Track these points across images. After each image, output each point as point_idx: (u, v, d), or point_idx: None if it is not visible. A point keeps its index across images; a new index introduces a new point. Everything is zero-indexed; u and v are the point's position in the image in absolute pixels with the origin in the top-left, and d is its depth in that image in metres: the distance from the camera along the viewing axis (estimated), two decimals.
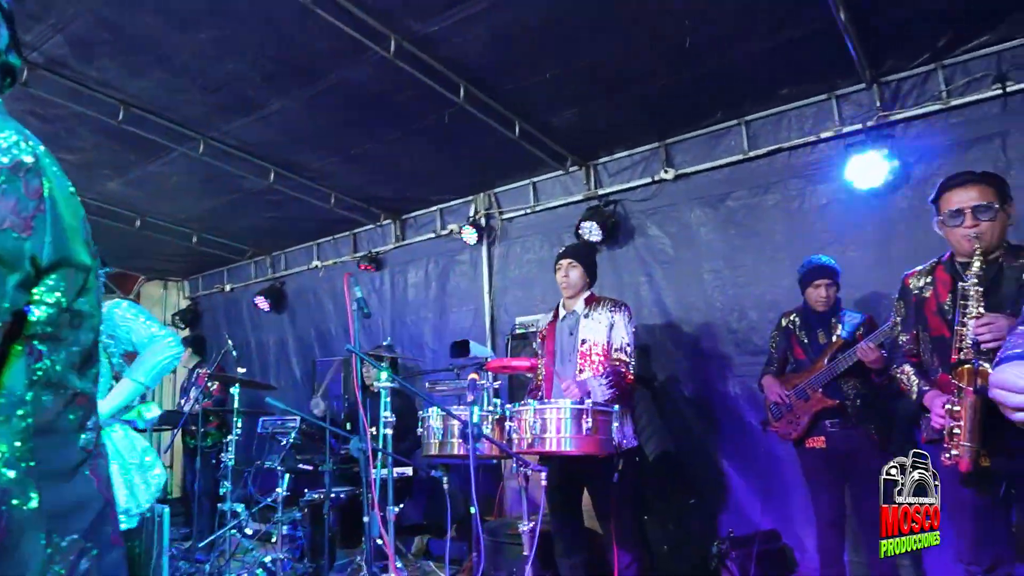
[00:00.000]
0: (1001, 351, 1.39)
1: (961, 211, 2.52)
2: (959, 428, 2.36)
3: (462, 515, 5.00)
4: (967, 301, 2.43)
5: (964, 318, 2.43)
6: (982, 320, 2.37)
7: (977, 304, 2.41)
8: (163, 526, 4.29)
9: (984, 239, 2.48)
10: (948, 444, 2.41)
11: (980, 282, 2.43)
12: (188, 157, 5.06)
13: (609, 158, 5.44)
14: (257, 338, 8.16)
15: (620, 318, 3.58)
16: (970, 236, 2.48)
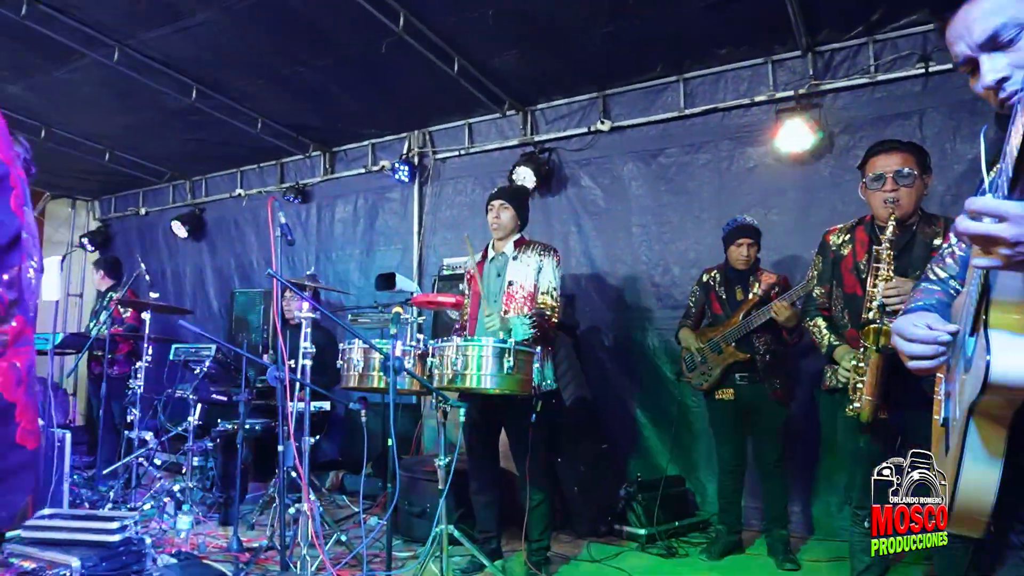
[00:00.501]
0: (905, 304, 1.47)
1: (883, 176, 2.66)
2: (863, 383, 2.52)
3: (379, 452, 5.03)
4: (879, 263, 2.57)
5: (875, 280, 2.57)
6: (891, 284, 2.51)
7: (888, 267, 2.55)
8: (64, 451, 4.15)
9: (901, 205, 2.62)
10: (852, 396, 2.58)
11: (892, 247, 2.57)
12: (102, 66, 4.70)
13: (547, 105, 5.40)
14: (173, 266, 7.83)
15: (548, 262, 3.61)
16: (888, 200, 2.62)
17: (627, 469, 4.90)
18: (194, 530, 4.25)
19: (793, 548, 3.91)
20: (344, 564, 3.62)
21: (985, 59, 1.15)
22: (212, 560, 3.70)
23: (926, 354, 1.18)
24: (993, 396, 0.99)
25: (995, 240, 0.93)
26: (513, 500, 4.04)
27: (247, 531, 4.33)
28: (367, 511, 4.73)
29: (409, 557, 3.87)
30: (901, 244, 2.63)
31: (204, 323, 7.14)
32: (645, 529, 4.14)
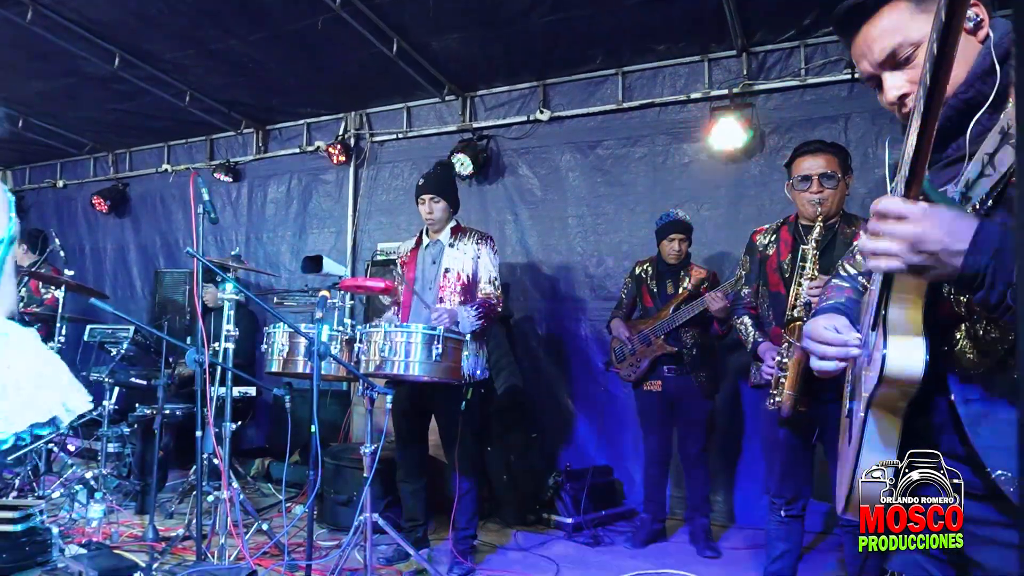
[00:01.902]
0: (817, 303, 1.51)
1: (809, 177, 2.75)
2: (785, 379, 2.60)
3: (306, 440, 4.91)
4: (804, 262, 2.66)
5: (800, 278, 2.65)
6: (815, 283, 2.59)
7: (813, 266, 2.64)
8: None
9: (825, 205, 2.72)
10: (773, 392, 2.67)
11: (817, 246, 2.66)
12: (12, 24, 4.41)
13: (487, 91, 5.36)
14: (92, 242, 7.45)
15: (486, 251, 3.58)
16: (814, 201, 2.70)
17: (557, 458, 4.94)
18: (107, 519, 4.06)
19: (714, 536, 4.03)
20: (264, 553, 3.54)
21: (887, 76, 1.19)
22: (125, 550, 3.55)
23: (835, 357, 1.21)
24: (889, 388, 1.02)
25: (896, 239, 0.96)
26: (441, 488, 4.02)
27: (165, 520, 4.18)
28: (291, 500, 4.63)
29: (333, 546, 3.80)
30: (823, 243, 2.72)
31: (126, 303, 6.83)
32: (572, 518, 4.19)
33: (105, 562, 3.05)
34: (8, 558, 3.13)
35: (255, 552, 3.42)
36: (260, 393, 4.86)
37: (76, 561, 3.06)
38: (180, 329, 6.03)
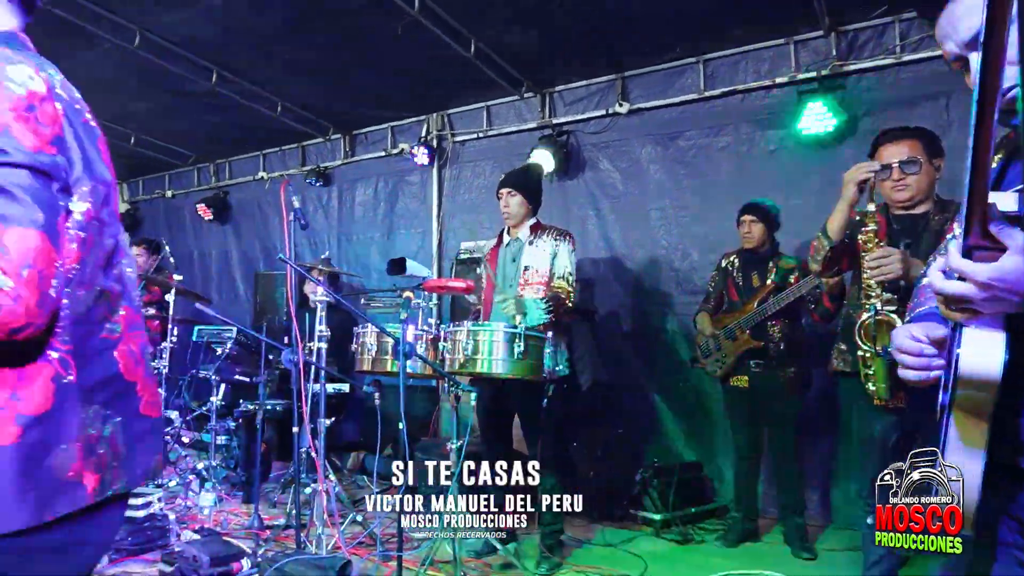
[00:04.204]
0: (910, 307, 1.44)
1: (889, 166, 2.61)
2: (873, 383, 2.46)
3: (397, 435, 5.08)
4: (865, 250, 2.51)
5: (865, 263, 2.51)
6: (875, 254, 2.43)
7: None
8: None
9: (908, 193, 2.58)
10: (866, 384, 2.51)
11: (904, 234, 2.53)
12: (123, 50, 4.76)
13: (565, 87, 5.35)
14: (199, 248, 7.95)
15: (564, 247, 3.59)
16: (897, 188, 2.58)
17: (643, 454, 4.89)
18: (217, 507, 4.36)
19: (810, 537, 3.88)
20: (359, 543, 3.69)
21: (973, 57, 1.12)
22: (233, 537, 3.79)
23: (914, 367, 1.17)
24: (966, 390, 0.97)
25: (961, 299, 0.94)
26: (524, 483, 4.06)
27: (269, 509, 4.42)
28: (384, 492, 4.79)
29: (423, 538, 3.92)
30: (912, 232, 2.58)
31: (230, 305, 7.25)
32: (660, 514, 4.14)
33: (216, 548, 3.27)
34: (132, 541, 3.42)
35: (350, 542, 3.58)
36: (353, 390, 5.06)
37: (190, 546, 3.29)
38: (279, 329, 6.35)
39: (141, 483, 1.21)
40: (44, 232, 0.99)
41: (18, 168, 0.98)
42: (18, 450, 1.01)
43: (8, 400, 1.01)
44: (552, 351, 3.41)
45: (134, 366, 1.20)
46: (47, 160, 1.02)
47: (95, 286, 1.14)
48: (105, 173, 1.18)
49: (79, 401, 1.08)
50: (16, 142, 0.98)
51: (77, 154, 1.09)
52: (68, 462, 1.06)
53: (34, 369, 1.04)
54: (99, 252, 1.14)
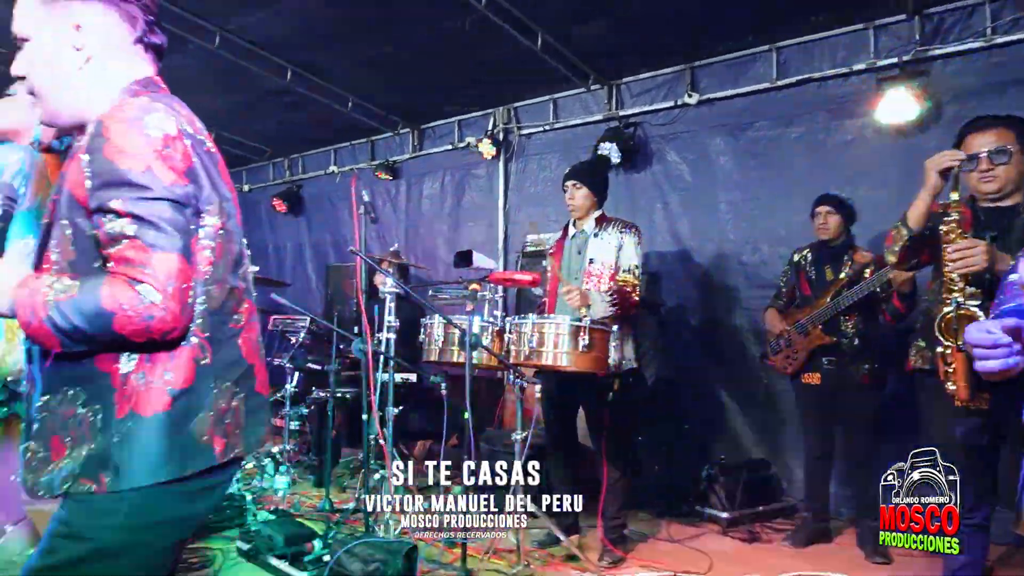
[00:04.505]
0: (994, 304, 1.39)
1: (977, 156, 2.48)
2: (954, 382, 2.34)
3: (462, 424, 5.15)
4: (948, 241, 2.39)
5: None
6: (959, 244, 2.31)
7: None
8: None
9: (996, 183, 2.45)
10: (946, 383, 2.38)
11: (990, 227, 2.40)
12: (203, 50, 4.97)
13: (633, 78, 5.29)
14: (274, 240, 8.23)
15: (629, 239, 3.57)
16: (985, 179, 2.45)
17: (709, 450, 4.82)
18: (290, 490, 4.53)
19: None
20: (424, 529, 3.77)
21: None
22: (305, 518, 3.93)
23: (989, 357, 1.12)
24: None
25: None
26: (591, 476, 4.07)
27: (339, 493, 4.56)
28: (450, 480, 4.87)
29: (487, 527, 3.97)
30: (1000, 225, 2.45)
31: (303, 295, 7.48)
32: (727, 512, 4.08)
33: (289, 528, 3.41)
34: (214, 518, 3.60)
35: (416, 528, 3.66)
36: (420, 380, 5.16)
37: (266, 525, 3.44)
38: (350, 319, 6.53)
39: (253, 450, 1.44)
40: (182, 255, 1.20)
41: (160, 201, 1.19)
42: (168, 417, 1.24)
43: (161, 376, 1.25)
44: (617, 345, 3.39)
45: (253, 351, 1.42)
46: (181, 192, 1.23)
47: (226, 285, 1.35)
48: (226, 191, 1.40)
49: (213, 379, 1.31)
50: (157, 179, 1.20)
51: (205, 179, 1.31)
52: (204, 428, 1.29)
53: (180, 352, 1.26)
54: (228, 257, 1.36)
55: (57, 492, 1.23)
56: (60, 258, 1.27)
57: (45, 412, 1.27)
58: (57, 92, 1.33)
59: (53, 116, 1.37)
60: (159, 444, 1.24)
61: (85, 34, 1.31)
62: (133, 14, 1.36)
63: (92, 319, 1.16)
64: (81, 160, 1.22)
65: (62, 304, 1.16)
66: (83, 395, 1.24)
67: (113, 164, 1.18)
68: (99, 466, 1.22)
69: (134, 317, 1.15)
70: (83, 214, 1.24)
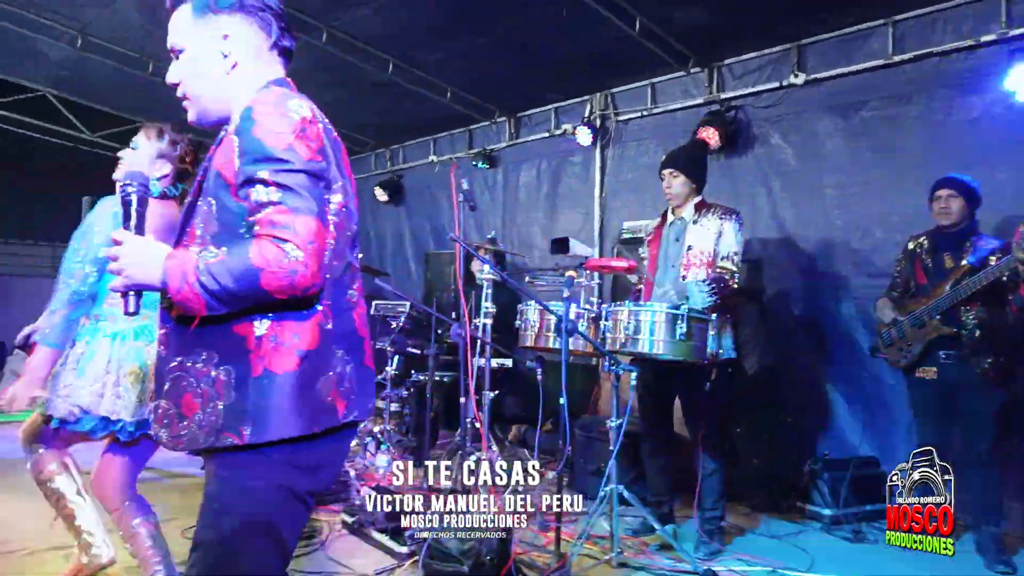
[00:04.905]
0: None
1: None
2: None
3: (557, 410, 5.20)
4: None
5: None
6: None
7: None
8: None
9: None
10: None
11: None
12: (311, 47, 5.20)
13: (735, 60, 5.12)
14: (376, 228, 8.52)
15: (729, 226, 3.48)
16: None
17: (812, 445, 4.64)
18: (391, 468, 4.71)
19: (1009, 549, 3.49)
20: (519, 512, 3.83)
21: None
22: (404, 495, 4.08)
23: None
24: None
25: None
26: (687, 466, 4.01)
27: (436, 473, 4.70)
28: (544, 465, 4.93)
29: (581, 513, 3.99)
30: None
31: (402, 282, 7.72)
32: (830, 509, 3.93)
33: None
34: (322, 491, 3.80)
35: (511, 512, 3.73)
36: (516, 365, 5.24)
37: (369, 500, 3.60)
38: (447, 305, 6.70)
39: (365, 418, 1.53)
40: (318, 218, 1.32)
41: (299, 173, 1.33)
42: (297, 376, 1.36)
43: (292, 339, 1.37)
44: (716, 333, 3.33)
45: (363, 326, 1.55)
46: (316, 167, 1.36)
47: (345, 259, 1.49)
48: (347, 175, 1.54)
49: (334, 344, 1.43)
50: (297, 155, 1.34)
51: (332, 160, 1.45)
52: (328, 389, 1.41)
53: (307, 316, 1.39)
54: (347, 234, 1.49)
55: (202, 445, 1.36)
56: (203, 232, 1.41)
57: (179, 372, 1.39)
58: (208, 93, 1.50)
59: (203, 115, 1.53)
60: (291, 400, 1.35)
61: (232, 42, 1.49)
62: (268, 22, 1.53)
63: (240, 278, 1.27)
64: (232, 141, 1.37)
65: (212, 267, 1.28)
66: (218, 356, 1.37)
67: (261, 142, 1.33)
68: (238, 420, 1.33)
69: (279, 272, 1.26)
70: (228, 191, 1.38)
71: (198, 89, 1.51)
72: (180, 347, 1.41)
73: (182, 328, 1.40)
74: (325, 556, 3.27)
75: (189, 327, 1.38)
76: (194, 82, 1.51)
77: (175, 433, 1.39)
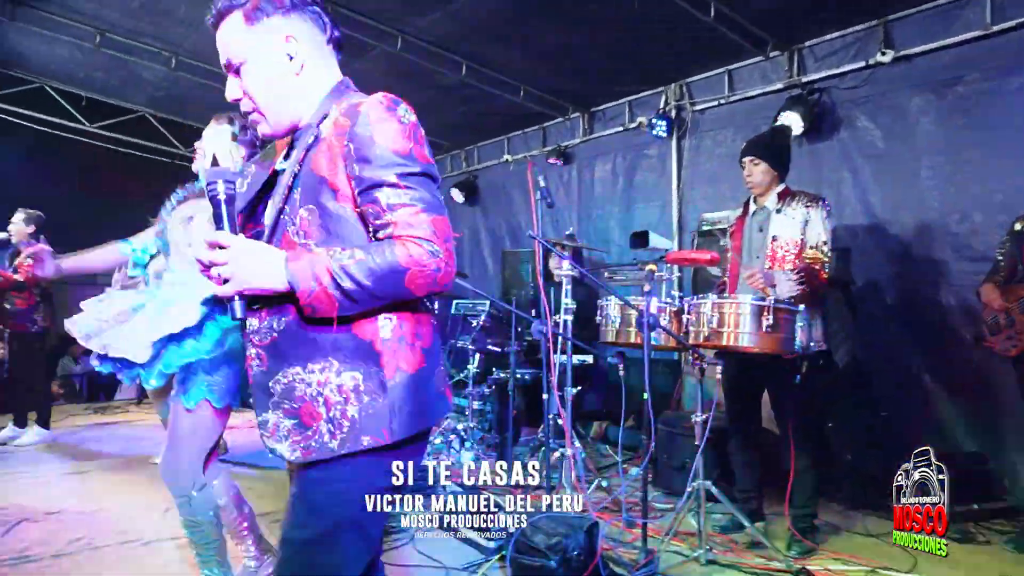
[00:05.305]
0: None
1: None
2: None
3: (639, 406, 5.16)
4: None
5: None
6: None
7: None
8: None
9: None
10: None
11: None
12: (387, 54, 5.33)
13: (816, 40, 4.92)
14: (453, 229, 8.62)
15: (816, 213, 3.35)
16: None
17: (910, 440, 4.40)
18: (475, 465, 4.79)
19: None
20: (603, 508, 3.83)
21: None
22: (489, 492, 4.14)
23: None
24: None
25: None
26: (777, 462, 3.90)
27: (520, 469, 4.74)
28: (627, 461, 4.90)
29: (667, 509, 3.95)
30: None
31: (480, 281, 7.81)
32: None
33: None
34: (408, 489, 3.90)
35: (595, 506, 3.73)
36: (597, 361, 5.22)
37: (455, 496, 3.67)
38: (526, 302, 6.74)
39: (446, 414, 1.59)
40: (446, 217, 1.38)
41: (422, 175, 1.37)
42: (423, 373, 1.42)
43: (416, 338, 1.42)
44: (805, 325, 3.22)
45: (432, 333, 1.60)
46: (432, 168, 1.42)
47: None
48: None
49: (439, 337, 1.51)
50: (417, 158, 1.38)
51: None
52: (440, 381, 1.49)
53: (425, 315, 1.47)
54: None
55: (337, 452, 1.35)
56: (304, 239, 1.38)
57: (291, 383, 1.37)
58: (281, 100, 1.46)
59: (277, 126, 1.49)
60: (422, 396, 1.41)
61: (295, 43, 1.45)
62: (319, 16, 1.50)
63: (383, 278, 1.29)
64: (335, 146, 1.37)
65: (349, 268, 1.28)
66: (338, 362, 1.36)
67: (385, 147, 1.35)
68: (378, 422, 1.36)
69: (425, 270, 1.31)
70: (332, 196, 1.37)
71: (270, 98, 1.46)
72: (288, 358, 1.38)
73: (290, 339, 1.38)
74: (414, 550, 3.34)
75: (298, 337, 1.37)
76: (264, 92, 1.45)
77: (300, 444, 1.37)
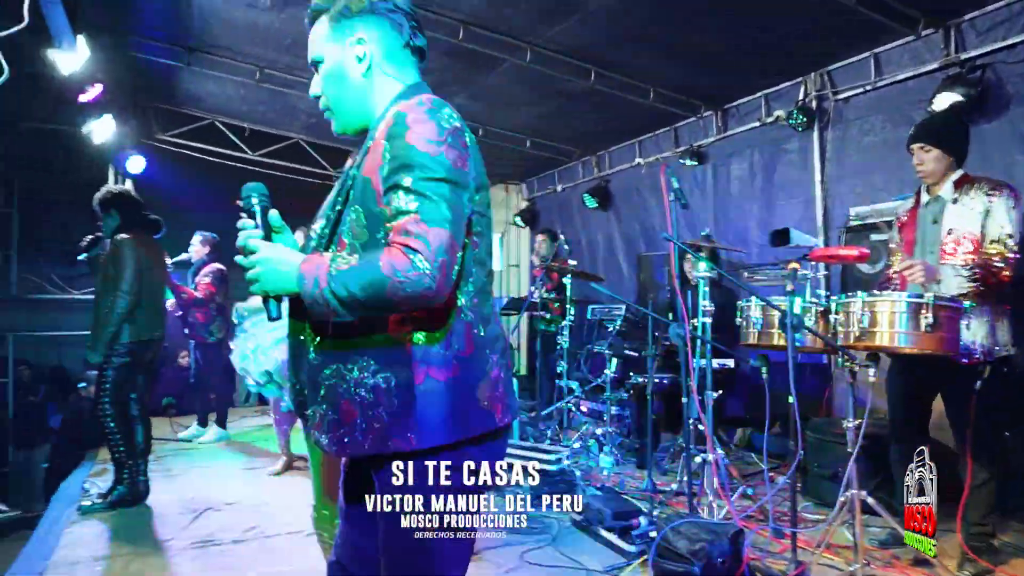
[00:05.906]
0: None
1: None
2: None
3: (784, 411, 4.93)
4: None
5: None
6: None
7: None
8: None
9: None
10: None
11: None
12: (518, 67, 5.46)
13: (977, 12, 4.49)
14: (587, 235, 8.68)
15: (1000, 202, 3.03)
16: None
17: None
18: (614, 469, 4.80)
19: None
20: (748, 516, 3.71)
21: None
22: (630, 496, 4.14)
23: None
24: None
25: None
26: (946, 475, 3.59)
27: (660, 476, 4.69)
28: (774, 469, 4.71)
29: (818, 519, 3.76)
30: None
31: (616, 286, 7.76)
32: None
33: (617, 504, 3.63)
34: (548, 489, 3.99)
35: (740, 513, 3.62)
36: (739, 365, 5.06)
37: (595, 499, 3.71)
38: (662, 306, 6.64)
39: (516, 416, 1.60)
40: (451, 232, 1.31)
41: (443, 182, 1.33)
42: (455, 383, 1.39)
43: (450, 346, 1.40)
44: (988, 326, 2.95)
45: (504, 329, 1.57)
46: (461, 176, 1.37)
47: (486, 266, 1.50)
48: (487, 181, 1.53)
49: (486, 349, 1.46)
50: (444, 163, 1.34)
51: (478, 168, 1.46)
52: (484, 394, 1.43)
53: (460, 325, 1.42)
54: (487, 241, 1.51)
55: (367, 452, 1.39)
56: (352, 240, 1.42)
57: (335, 379, 1.41)
58: (349, 99, 1.53)
59: (346, 123, 1.56)
60: (453, 405, 1.38)
61: (366, 45, 1.50)
62: (400, 22, 1.53)
63: (366, 286, 1.27)
64: (381, 147, 1.38)
65: (342, 274, 1.28)
66: (375, 364, 1.38)
67: (411, 148, 1.33)
68: (405, 427, 1.36)
69: (405, 283, 1.25)
70: (375, 198, 1.38)
71: (339, 96, 1.53)
72: (335, 355, 1.42)
73: (336, 336, 1.43)
74: (556, 551, 3.40)
75: (341, 336, 1.41)
76: (335, 90, 1.53)
77: (335, 439, 1.42)
